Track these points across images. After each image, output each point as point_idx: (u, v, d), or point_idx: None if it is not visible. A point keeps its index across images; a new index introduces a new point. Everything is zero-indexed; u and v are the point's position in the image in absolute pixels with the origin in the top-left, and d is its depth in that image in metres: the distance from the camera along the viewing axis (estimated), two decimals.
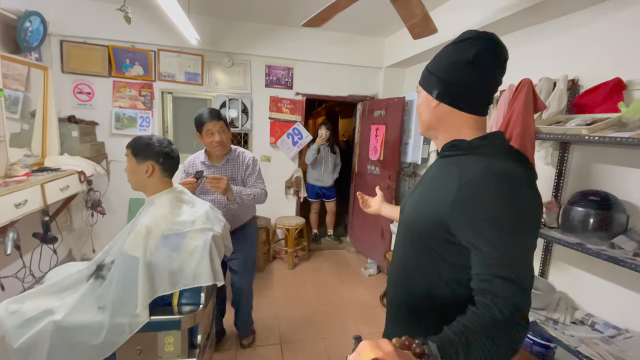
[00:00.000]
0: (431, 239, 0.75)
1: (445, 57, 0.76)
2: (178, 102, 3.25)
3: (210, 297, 1.41)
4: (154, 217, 1.26)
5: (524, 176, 0.67)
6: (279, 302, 2.64)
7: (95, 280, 1.22)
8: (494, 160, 0.69)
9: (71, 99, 2.91)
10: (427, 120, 0.83)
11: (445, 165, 0.78)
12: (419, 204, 0.81)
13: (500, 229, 0.63)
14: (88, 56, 2.87)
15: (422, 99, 0.83)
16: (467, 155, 0.74)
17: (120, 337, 1.15)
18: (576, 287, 1.69)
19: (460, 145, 0.76)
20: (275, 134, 3.42)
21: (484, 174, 0.66)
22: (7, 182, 1.84)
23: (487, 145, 0.74)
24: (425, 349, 0.52)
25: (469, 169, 0.69)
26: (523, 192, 0.65)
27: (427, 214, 0.75)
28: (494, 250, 0.62)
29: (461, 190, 0.67)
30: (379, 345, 0.48)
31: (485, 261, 0.63)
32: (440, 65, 0.77)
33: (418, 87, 0.85)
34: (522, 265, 0.63)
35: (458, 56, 0.73)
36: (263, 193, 1.82)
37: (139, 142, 1.31)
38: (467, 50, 0.72)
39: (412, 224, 0.81)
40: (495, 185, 0.65)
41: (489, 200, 0.64)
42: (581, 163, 1.69)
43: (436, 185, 0.77)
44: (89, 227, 3.06)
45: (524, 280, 0.61)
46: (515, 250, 0.63)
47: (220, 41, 3.11)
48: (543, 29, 1.93)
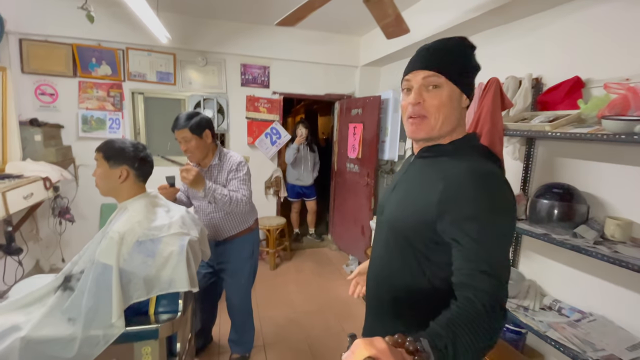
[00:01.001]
0: (416, 238, 0.76)
1: (473, 59, 0.78)
2: (150, 102, 3.14)
3: (189, 304, 1.38)
4: (127, 223, 1.22)
5: (501, 175, 0.72)
6: (261, 304, 2.63)
7: (63, 292, 1.17)
8: (474, 161, 0.73)
9: (33, 100, 2.74)
10: (454, 121, 0.76)
11: (427, 166, 0.80)
12: (402, 204, 0.81)
13: (481, 226, 0.65)
14: (50, 55, 2.71)
15: (454, 96, 0.74)
16: (449, 157, 0.77)
17: (94, 350, 1.10)
18: (544, 274, 1.78)
19: (442, 148, 0.79)
20: (253, 134, 3.38)
21: (467, 174, 0.69)
22: None
23: (466, 147, 0.78)
24: (418, 346, 0.53)
25: (452, 169, 0.72)
26: (502, 191, 0.70)
27: (411, 215, 0.76)
28: (475, 245, 0.65)
29: (446, 191, 0.70)
30: (372, 343, 0.49)
31: (467, 256, 0.65)
32: (467, 68, 0.77)
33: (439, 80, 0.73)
34: (501, 259, 0.66)
35: (474, 62, 0.79)
36: (242, 199, 1.59)
37: (112, 146, 1.25)
38: (475, 57, 0.79)
39: (396, 224, 0.81)
40: (477, 184, 0.68)
41: (472, 198, 0.67)
42: (545, 157, 1.79)
43: (419, 186, 0.78)
44: (57, 235, 2.91)
45: (503, 273, 0.65)
46: (495, 245, 0.66)
47: (193, 39, 3.03)
48: (508, 30, 2.02)
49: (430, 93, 0.75)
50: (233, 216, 1.74)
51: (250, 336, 1.97)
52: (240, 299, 1.87)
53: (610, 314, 1.45)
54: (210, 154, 1.68)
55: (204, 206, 1.71)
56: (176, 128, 1.57)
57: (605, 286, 1.48)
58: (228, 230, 1.76)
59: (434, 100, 0.74)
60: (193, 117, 1.58)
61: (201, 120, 1.59)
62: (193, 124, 1.56)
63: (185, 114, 1.59)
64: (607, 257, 1.20)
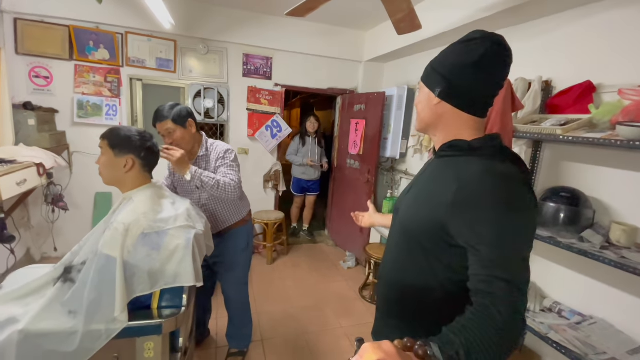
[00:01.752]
0: (428, 240, 0.74)
1: (451, 55, 0.75)
2: (148, 89, 3.06)
3: (192, 299, 1.35)
4: (133, 214, 1.17)
5: (521, 178, 0.69)
6: (258, 298, 2.61)
7: (63, 283, 1.12)
8: (492, 162, 0.70)
9: (27, 83, 2.64)
10: (426, 117, 0.82)
11: (443, 166, 0.77)
12: (415, 204, 0.80)
13: (498, 231, 0.63)
14: (46, 37, 2.61)
15: (423, 96, 0.82)
16: (466, 157, 0.74)
17: (96, 344, 1.07)
18: (545, 277, 1.80)
19: (458, 146, 0.76)
20: (254, 126, 3.32)
21: (483, 176, 0.67)
22: None
23: (485, 147, 0.74)
24: (428, 350, 0.52)
25: (467, 170, 0.69)
26: (521, 194, 0.67)
27: (424, 215, 0.75)
28: (492, 251, 0.63)
29: (460, 192, 0.67)
30: (381, 347, 0.48)
31: (483, 262, 0.63)
32: (444, 64, 0.76)
33: (420, 84, 0.84)
34: (519, 266, 0.63)
35: (464, 56, 0.72)
36: (231, 184, 1.51)
37: (118, 134, 1.20)
38: (473, 51, 0.71)
39: (408, 224, 0.80)
40: (494, 186, 0.65)
41: (488, 201, 0.64)
42: (552, 161, 1.79)
43: (433, 186, 0.76)
44: (50, 223, 2.83)
45: (521, 280, 0.62)
46: (513, 251, 0.63)
47: (195, 26, 2.95)
48: (520, 31, 2.01)
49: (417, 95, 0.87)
50: (226, 206, 1.70)
51: (248, 330, 1.95)
52: (237, 292, 1.85)
53: (610, 318, 1.47)
54: (196, 146, 1.63)
55: (196, 197, 1.66)
56: (158, 120, 1.50)
57: (606, 290, 1.50)
58: (222, 221, 1.72)
59: (415, 100, 0.88)
60: (174, 108, 1.52)
61: (182, 110, 1.53)
62: (175, 114, 1.51)
63: (164, 106, 1.52)
64: (615, 263, 1.21)
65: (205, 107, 3.14)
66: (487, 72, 0.73)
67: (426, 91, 0.80)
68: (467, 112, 0.76)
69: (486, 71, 0.72)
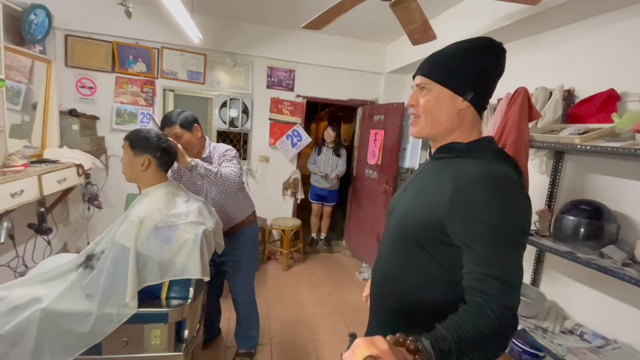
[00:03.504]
0: (424, 239, 0.75)
1: (478, 57, 0.74)
2: (180, 99, 3.27)
3: (199, 293, 1.42)
4: (148, 209, 1.27)
5: (517, 180, 0.70)
6: (270, 303, 2.64)
7: (84, 269, 1.23)
8: (489, 163, 0.71)
9: (73, 92, 2.93)
10: (445, 122, 0.76)
11: (440, 167, 0.78)
12: (412, 204, 0.80)
13: (494, 230, 0.64)
14: (92, 51, 2.90)
15: (442, 98, 0.75)
16: (463, 158, 0.75)
17: (108, 327, 1.15)
18: (567, 296, 1.69)
19: (456, 148, 0.77)
20: (275, 135, 3.44)
21: (480, 176, 0.68)
22: (5, 172, 1.85)
23: (482, 149, 0.75)
24: (419, 345, 0.52)
25: (465, 171, 0.70)
26: (517, 195, 0.68)
27: (421, 215, 0.75)
28: (487, 250, 0.63)
29: (457, 191, 0.68)
30: (373, 342, 0.49)
31: (477, 260, 0.64)
32: (475, 66, 0.74)
33: (428, 83, 0.77)
34: (513, 265, 0.64)
35: (491, 61, 0.75)
36: (232, 173, 1.58)
37: (138, 135, 1.32)
38: (497, 57, 0.75)
39: (405, 224, 0.80)
40: (491, 187, 0.66)
41: (485, 201, 0.65)
42: (575, 172, 1.70)
43: (431, 186, 0.77)
44: (85, 220, 3.07)
45: (515, 279, 0.63)
46: (508, 250, 0.64)
47: (224, 41, 3.14)
48: (540, 40, 1.96)
49: (421, 95, 0.79)
50: (233, 201, 1.78)
51: (255, 332, 1.98)
52: (244, 291, 1.90)
53: (636, 342, 1.35)
54: (201, 148, 1.75)
55: (204, 193, 1.74)
56: (166, 125, 1.62)
57: (633, 312, 1.38)
58: (230, 218, 1.78)
59: (423, 102, 0.78)
60: (181, 114, 1.65)
61: (188, 116, 1.66)
62: (182, 119, 1.63)
63: (173, 112, 1.65)
64: (635, 280, 1.12)
65: (230, 117, 3.30)
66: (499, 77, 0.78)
67: (447, 93, 0.75)
68: (481, 114, 0.79)
69: (500, 76, 0.78)
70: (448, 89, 0.75)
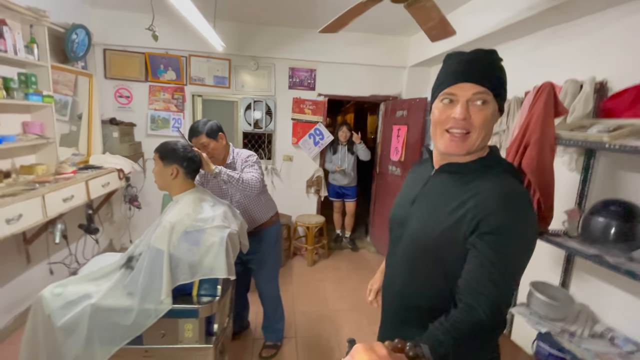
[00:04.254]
0: (446, 255, 0.75)
1: (505, 75, 0.76)
2: (207, 104, 3.44)
3: (227, 291, 1.53)
4: (178, 215, 1.39)
5: (528, 195, 0.73)
6: (296, 297, 2.74)
7: (125, 270, 1.38)
8: (505, 180, 0.74)
9: (112, 102, 3.18)
10: (489, 133, 0.75)
11: (455, 181, 0.78)
12: (428, 221, 0.78)
13: (502, 239, 0.66)
14: (127, 63, 3.12)
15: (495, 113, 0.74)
16: (478, 173, 0.76)
17: (147, 321, 1.28)
18: (598, 299, 1.62)
19: (470, 165, 0.78)
20: (298, 135, 3.51)
21: (499, 194, 0.70)
22: (57, 179, 2.08)
23: (495, 166, 0.78)
24: (419, 351, 0.54)
25: (484, 188, 0.72)
26: (530, 212, 0.71)
27: (442, 232, 0.74)
28: (492, 254, 0.66)
29: (479, 208, 0.70)
30: (372, 348, 0.49)
31: (481, 262, 0.67)
32: (505, 84, 0.76)
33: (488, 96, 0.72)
34: (513, 275, 0.68)
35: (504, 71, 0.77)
36: (253, 179, 1.67)
37: (166, 148, 1.44)
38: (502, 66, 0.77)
39: (425, 240, 0.78)
40: (508, 206, 0.69)
41: (503, 217, 0.68)
42: (607, 170, 1.61)
43: (449, 201, 0.76)
44: (127, 219, 3.34)
45: (511, 288, 0.66)
46: (512, 259, 0.67)
47: (246, 45, 3.24)
48: (569, 28, 1.84)
49: (476, 109, 0.71)
50: (256, 204, 1.88)
51: (280, 326, 2.10)
52: (268, 287, 2.02)
53: None
54: (226, 155, 1.85)
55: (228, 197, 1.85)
56: (194, 136, 1.73)
57: None
58: (253, 219, 1.89)
59: (480, 117, 0.71)
60: (207, 123, 1.75)
61: (213, 125, 1.76)
62: (207, 128, 1.73)
63: (199, 122, 1.75)
64: None
65: (255, 119, 3.42)
66: None
67: (496, 108, 0.74)
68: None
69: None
70: (497, 103, 0.74)
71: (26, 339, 1.26)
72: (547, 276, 1.81)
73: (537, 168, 1.51)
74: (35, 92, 2.04)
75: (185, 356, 1.37)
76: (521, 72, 2.13)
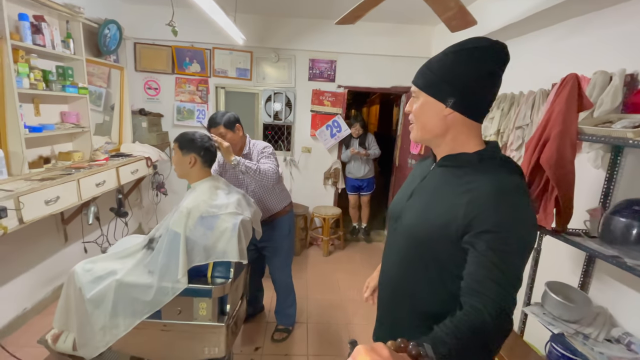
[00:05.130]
0: (439, 251, 0.75)
1: (458, 64, 0.74)
2: (230, 96, 3.54)
3: (239, 274, 1.61)
4: (194, 201, 1.48)
5: (526, 190, 0.72)
6: (310, 285, 2.82)
7: (147, 250, 1.49)
8: (500, 175, 0.72)
9: (142, 94, 3.36)
10: (434, 128, 0.79)
11: (450, 176, 0.78)
12: (425, 214, 0.78)
13: (501, 237, 0.66)
14: (155, 56, 3.27)
15: (426, 105, 0.78)
16: (473, 168, 0.75)
17: (165, 298, 1.39)
18: (619, 302, 1.55)
19: (464, 158, 0.77)
20: (316, 127, 3.54)
21: (493, 189, 0.69)
22: (91, 165, 2.25)
23: (491, 159, 0.76)
24: (421, 350, 0.53)
25: (477, 183, 0.71)
26: (527, 206, 0.69)
27: (435, 227, 0.74)
28: (491, 253, 0.65)
29: (472, 204, 0.69)
30: (374, 349, 0.49)
31: (481, 262, 0.66)
32: (455, 73, 0.74)
33: (416, 92, 0.81)
34: (515, 272, 0.66)
35: (476, 65, 0.73)
36: (270, 169, 1.74)
37: (185, 138, 1.53)
38: (485, 60, 0.72)
39: (419, 235, 0.78)
40: (503, 199, 0.68)
41: (498, 213, 0.67)
42: (636, 169, 1.52)
43: (441, 197, 0.77)
44: (154, 205, 3.55)
45: (515, 286, 0.65)
46: (512, 257, 0.66)
47: (267, 38, 3.29)
48: (600, 17, 1.72)
49: (414, 103, 0.83)
50: (270, 194, 1.94)
51: (292, 311, 2.19)
52: (281, 274, 2.10)
53: None
54: (243, 146, 1.92)
55: (244, 186, 1.92)
56: (212, 126, 1.81)
57: None
58: (268, 209, 1.96)
59: (413, 109, 0.83)
60: (225, 115, 1.82)
61: (231, 116, 1.83)
62: (225, 120, 1.80)
63: (217, 113, 1.82)
64: None
65: (275, 110, 3.48)
66: (497, 81, 0.75)
67: (430, 100, 0.77)
68: (477, 120, 0.78)
69: (496, 80, 0.75)
70: (430, 96, 0.78)
71: (60, 307, 1.41)
72: (566, 277, 1.75)
73: (556, 164, 1.46)
74: (71, 84, 2.21)
75: (199, 332, 1.47)
76: (547, 63, 2.03)
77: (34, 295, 2.21)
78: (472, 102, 0.75)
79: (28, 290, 2.17)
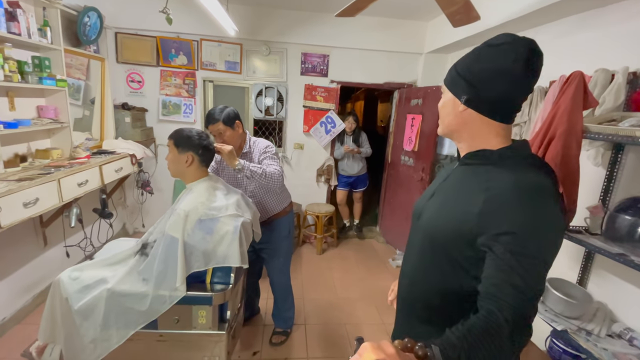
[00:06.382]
0: (454, 250, 0.73)
1: (477, 60, 0.72)
2: (218, 90, 3.40)
3: (239, 279, 1.53)
4: (192, 203, 1.38)
5: (551, 190, 0.67)
6: (306, 285, 2.76)
7: (140, 256, 1.38)
8: (521, 173, 0.68)
9: (124, 87, 3.17)
10: (450, 123, 0.80)
11: (470, 174, 0.76)
12: (441, 213, 0.78)
13: (520, 239, 0.62)
14: (139, 47, 3.09)
15: (447, 101, 0.79)
16: (494, 166, 0.72)
17: (162, 307, 1.30)
18: (618, 298, 1.57)
19: (486, 155, 0.75)
20: (309, 122, 3.46)
21: (512, 187, 0.65)
22: (72, 164, 2.10)
23: (514, 157, 0.72)
24: (428, 351, 0.52)
25: (496, 181, 0.68)
26: (550, 207, 0.65)
27: (451, 225, 0.73)
28: (510, 256, 0.61)
29: (488, 203, 0.66)
30: (381, 347, 0.49)
31: (499, 266, 0.62)
32: (471, 69, 0.73)
33: (443, 87, 0.82)
34: (534, 276, 0.62)
35: (493, 62, 0.70)
36: (275, 172, 1.65)
37: (181, 135, 1.42)
38: (503, 56, 0.69)
39: (435, 234, 0.78)
40: (523, 199, 0.64)
41: (517, 213, 0.63)
42: (636, 166, 1.54)
43: (460, 194, 0.75)
44: (139, 204, 3.38)
45: (534, 290, 0.61)
46: (532, 260, 0.62)
47: (258, 30, 3.17)
48: (604, 14, 1.73)
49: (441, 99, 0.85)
50: (270, 195, 1.85)
51: (290, 313, 2.12)
52: (280, 276, 2.02)
53: None
54: (242, 144, 1.80)
55: (244, 186, 1.83)
56: (210, 123, 1.68)
57: None
58: (267, 210, 1.87)
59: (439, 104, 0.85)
60: (223, 111, 1.69)
61: (230, 112, 1.70)
62: (224, 116, 1.68)
63: (215, 109, 1.70)
64: None
65: (266, 105, 3.37)
66: (518, 79, 0.69)
67: (450, 96, 0.78)
68: (495, 119, 0.74)
69: (517, 78, 0.69)
70: (450, 91, 0.79)
71: (45, 318, 1.29)
72: (564, 273, 1.77)
73: (561, 162, 1.45)
74: (49, 76, 2.04)
75: (198, 341, 1.39)
76: (546, 60, 2.02)
77: (12, 303, 2.05)
78: (486, 100, 0.72)
79: (6, 298, 2.01)
